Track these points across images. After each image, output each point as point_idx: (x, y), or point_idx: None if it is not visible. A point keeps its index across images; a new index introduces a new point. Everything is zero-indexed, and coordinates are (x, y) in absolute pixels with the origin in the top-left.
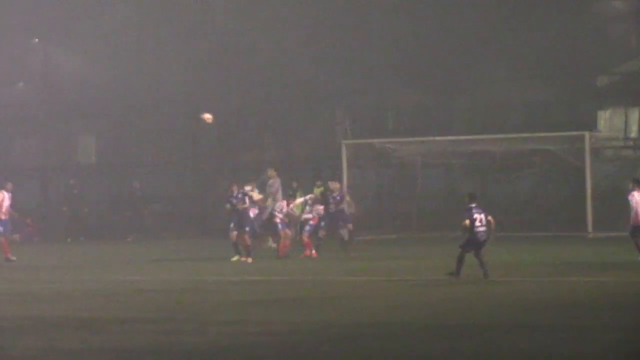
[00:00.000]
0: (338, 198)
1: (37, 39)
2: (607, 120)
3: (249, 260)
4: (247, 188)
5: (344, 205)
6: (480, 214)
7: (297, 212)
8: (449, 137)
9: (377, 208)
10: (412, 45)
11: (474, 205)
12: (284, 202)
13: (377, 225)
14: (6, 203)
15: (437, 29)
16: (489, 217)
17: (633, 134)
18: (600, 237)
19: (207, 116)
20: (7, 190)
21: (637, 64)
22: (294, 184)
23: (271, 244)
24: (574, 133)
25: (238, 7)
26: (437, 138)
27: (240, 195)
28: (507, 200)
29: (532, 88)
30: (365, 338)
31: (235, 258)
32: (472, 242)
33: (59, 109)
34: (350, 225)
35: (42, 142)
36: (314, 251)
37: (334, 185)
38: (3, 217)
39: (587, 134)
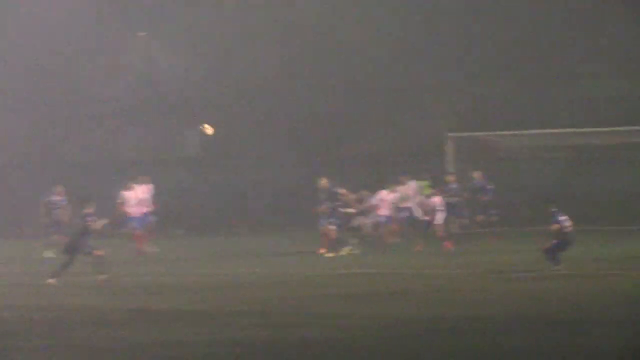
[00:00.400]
0: (455, 188)
1: (142, 33)
2: None
3: (331, 254)
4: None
5: (459, 198)
6: (563, 215)
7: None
8: (553, 130)
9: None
10: (516, 36)
11: (555, 209)
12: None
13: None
14: (142, 197)
15: (543, 20)
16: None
17: None
18: None
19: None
20: (140, 184)
21: None
22: (402, 177)
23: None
24: None
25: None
26: (541, 131)
27: (331, 193)
28: (609, 194)
29: (635, 81)
30: (468, 332)
31: (346, 249)
32: (563, 244)
33: (164, 102)
34: (465, 219)
35: (148, 135)
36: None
37: (450, 178)
38: (135, 211)
39: None
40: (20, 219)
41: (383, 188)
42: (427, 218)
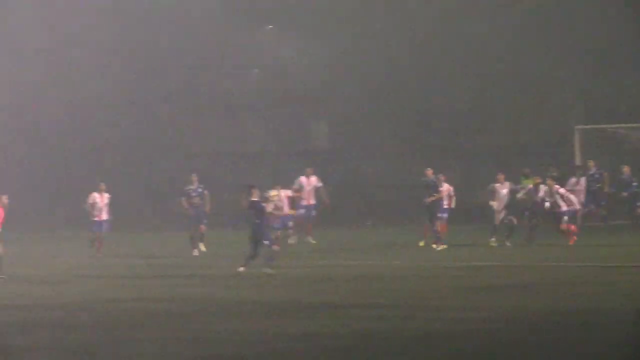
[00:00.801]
0: (597, 176)
1: (270, 26)
2: None
3: (439, 247)
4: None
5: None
6: None
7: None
8: None
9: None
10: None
11: None
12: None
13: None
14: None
15: None
16: None
17: None
18: None
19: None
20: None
21: None
22: (526, 170)
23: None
24: None
25: None
26: None
27: (433, 183)
28: None
29: None
30: (597, 325)
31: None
32: None
33: (292, 94)
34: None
35: (276, 127)
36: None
37: (591, 163)
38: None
39: None
40: (160, 212)
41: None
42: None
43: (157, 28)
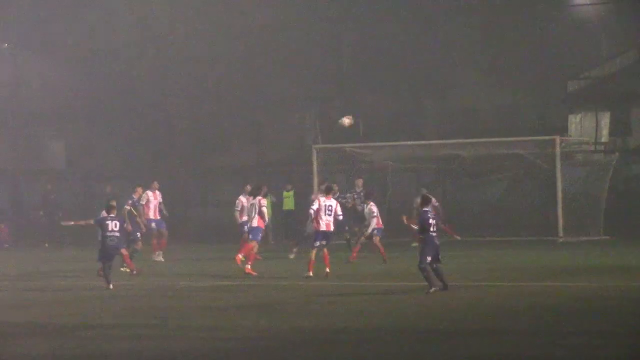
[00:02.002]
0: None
1: (6, 44)
2: (578, 125)
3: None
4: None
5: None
6: (433, 218)
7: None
8: (419, 142)
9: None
10: (381, 50)
11: (427, 209)
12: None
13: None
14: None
15: (407, 35)
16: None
17: (604, 139)
18: (570, 241)
19: (347, 121)
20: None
21: (607, 68)
22: (264, 188)
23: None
24: (545, 137)
25: (208, 13)
26: (407, 143)
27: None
28: (477, 205)
29: (503, 93)
30: (338, 344)
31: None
32: (429, 247)
33: (28, 114)
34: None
35: (12, 146)
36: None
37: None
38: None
39: (557, 139)
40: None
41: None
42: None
43: None
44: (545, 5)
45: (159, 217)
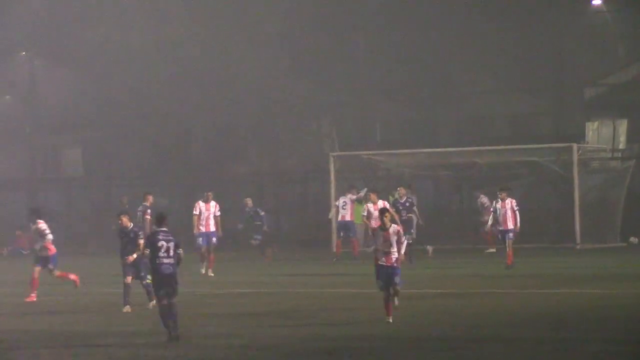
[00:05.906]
0: (407, 205)
1: (23, 52)
2: (595, 132)
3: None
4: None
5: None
6: (168, 241)
7: None
8: (436, 149)
9: None
10: (398, 57)
11: (162, 229)
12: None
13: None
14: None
15: (424, 42)
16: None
17: (621, 145)
18: (588, 248)
19: None
20: (207, 201)
21: (625, 75)
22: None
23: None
24: (562, 145)
25: (224, 21)
26: (424, 150)
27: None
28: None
29: (520, 100)
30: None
31: None
32: (154, 277)
33: (45, 121)
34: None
35: (28, 154)
36: None
37: (401, 191)
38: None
39: (574, 146)
40: None
41: None
42: None
43: None
44: (562, 12)
45: (212, 230)
